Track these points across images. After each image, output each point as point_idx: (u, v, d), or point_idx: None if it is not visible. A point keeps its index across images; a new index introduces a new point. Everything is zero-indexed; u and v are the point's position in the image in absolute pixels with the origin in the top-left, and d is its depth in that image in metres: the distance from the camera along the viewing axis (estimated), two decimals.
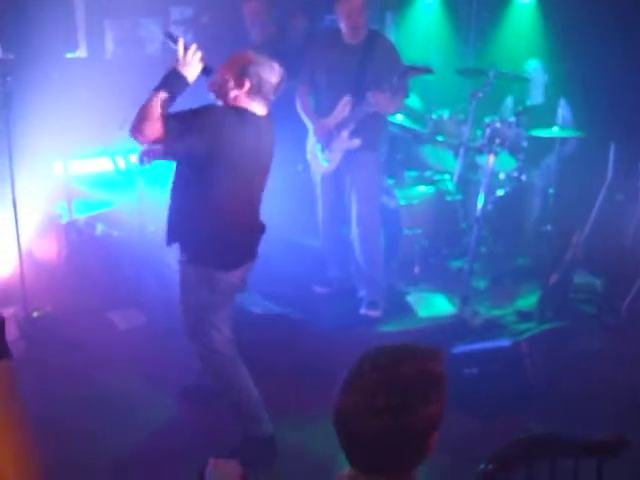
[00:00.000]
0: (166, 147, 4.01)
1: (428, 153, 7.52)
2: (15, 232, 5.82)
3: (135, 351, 5.64)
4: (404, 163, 7.55)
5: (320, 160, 6.24)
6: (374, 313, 6.30)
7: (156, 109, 3.84)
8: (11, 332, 5.94)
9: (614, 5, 6.81)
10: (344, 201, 6.32)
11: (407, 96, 6.16)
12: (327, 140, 6.14)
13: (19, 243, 5.84)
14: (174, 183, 4.21)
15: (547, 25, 7.84)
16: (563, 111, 7.29)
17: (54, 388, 5.21)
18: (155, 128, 3.83)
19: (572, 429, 4.38)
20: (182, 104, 3.98)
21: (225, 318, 4.48)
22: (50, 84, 6.07)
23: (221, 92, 4.12)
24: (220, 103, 4.12)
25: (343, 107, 6.00)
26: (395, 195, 6.94)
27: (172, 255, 6.23)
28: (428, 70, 5.80)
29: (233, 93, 4.08)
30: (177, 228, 4.26)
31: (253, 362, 5.35)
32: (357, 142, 6.02)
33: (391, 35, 8.72)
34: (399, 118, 7.41)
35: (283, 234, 6.90)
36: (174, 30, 4.57)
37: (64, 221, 6.79)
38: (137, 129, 3.86)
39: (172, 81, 3.98)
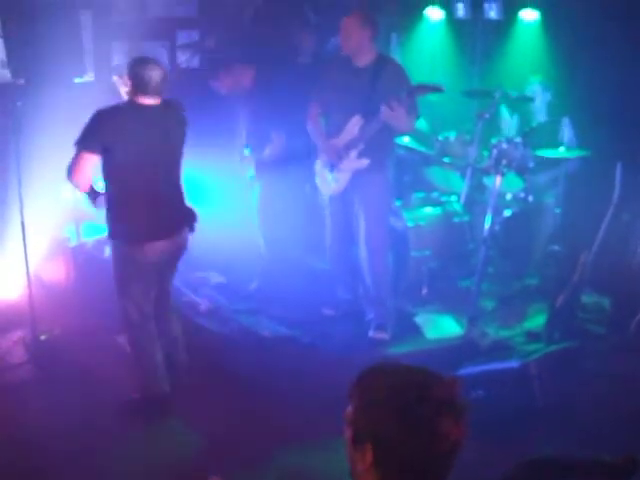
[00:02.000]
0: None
1: (435, 174, 7.53)
2: (24, 255, 5.84)
3: None
4: (411, 185, 7.56)
5: (328, 181, 6.25)
6: (382, 336, 6.29)
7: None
8: (19, 355, 5.96)
9: (619, 23, 6.82)
10: (352, 222, 6.31)
11: (418, 117, 6.18)
12: (335, 160, 6.15)
13: (27, 266, 5.87)
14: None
15: (551, 44, 7.85)
16: (568, 130, 7.30)
17: (63, 411, 5.22)
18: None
19: (582, 451, 4.37)
20: None
21: (143, 293, 5.06)
22: (59, 108, 6.10)
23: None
24: None
25: (352, 127, 6.02)
26: (402, 217, 6.94)
27: (180, 277, 6.29)
28: (437, 89, 5.85)
29: (124, 90, 4.99)
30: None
31: (262, 384, 5.38)
32: (365, 162, 6.03)
33: (396, 55, 8.76)
34: (406, 140, 7.44)
35: (290, 255, 6.93)
36: None
37: (72, 244, 6.81)
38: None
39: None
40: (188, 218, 5.19)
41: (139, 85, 4.83)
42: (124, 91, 5.01)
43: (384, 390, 2.02)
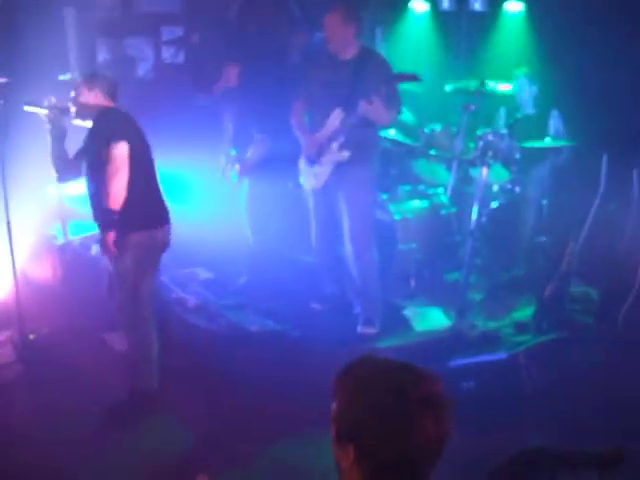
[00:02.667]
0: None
1: (421, 167, 7.53)
2: (10, 254, 5.82)
3: None
4: (398, 178, 7.57)
5: (310, 175, 6.25)
6: (370, 330, 6.29)
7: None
8: (7, 355, 5.94)
9: (604, 13, 6.84)
10: (336, 217, 6.32)
11: (400, 109, 6.18)
12: (316, 154, 6.16)
13: (14, 265, 5.84)
14: (92, 177, 5.02)
15: (537, 35, 7.86)
16: (555, 121, 7.32)
17: (51, 410, 5.21)
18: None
19: (571, 441, 4.41)
20: None
21: (152, 287, 5.18)
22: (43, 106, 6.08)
23: None
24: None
25: (333, 120, 6.03)
26: (389, 210, 6.95)
27: (168, 274, 6.28)
28: (414, 77, 5.86)
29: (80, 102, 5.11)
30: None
31: (250, 379, 5.38)
32: (346, 154, 6.03)
33: (382, 50, 8.75)
34: (392, 133, 7.43)
35: (278, 251, 6.92)
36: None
37: (59, 242, 6.78)
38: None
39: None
40: None
41: (111, 92, 5.09)
42: (80, 103, 5.07)
43: (364, 387, 2.02)
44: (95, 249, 6.40)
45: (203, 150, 7.03)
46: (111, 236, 4.87)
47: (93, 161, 4.97)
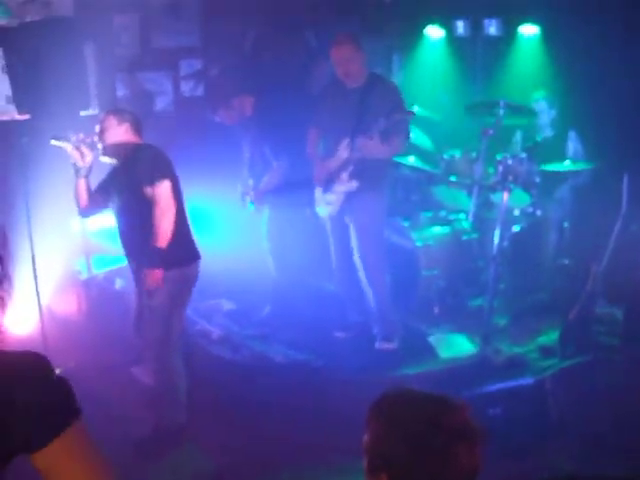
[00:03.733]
0: None
1: (442, 193, 7.53)
2: (35, 289, 5.86)
3: None
4: (419, 204, 7.58)
5: (324, 203, 6.29)
6: (389, 346, 6.33)
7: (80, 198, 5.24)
8: None
9: (619, 34, 6.84)
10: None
11: (405, 140, 6.21)
12: (327, 182, 6.22)
13: (39, 300, 5.89)
14: (127, 214, 5.06)
15: (553, 57, 7.86)
16: (574, 143, 7.31)
17: None
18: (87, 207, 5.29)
19: (601, 466, 4.37)
20: None
21: (183, 320, 5.27)
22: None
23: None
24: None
25: (342, 150, 6.09)
26: (411, 237, 6.95)
27: (191, 306, 6.30)
28: (409, 113, 5.96)
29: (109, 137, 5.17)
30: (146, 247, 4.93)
31: (275, 410, 5.37)
32: (354, 185, 6.11)
33: (398, 76, 8.80)
34: (411, 160, 7.45)
35: (300, 279, 6.93)
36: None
37: (83, 277, 6.83)
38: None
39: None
40: None
41: (138, 127, 5.18)
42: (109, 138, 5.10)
43: (397, 419, 2.02)
44: (120, 283, 6.45)
45: (224, 181, 7.07)
46: (159, 273, 4.90)
47: (130, 199, 4.98)
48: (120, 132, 5.04)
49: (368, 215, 6.22)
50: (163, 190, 4.84)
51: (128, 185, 4.98)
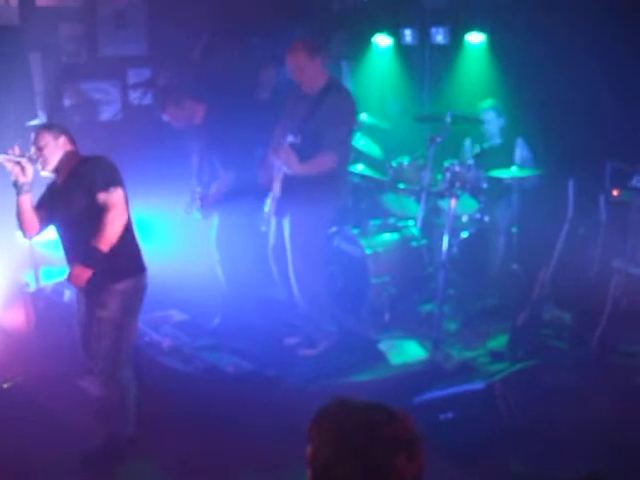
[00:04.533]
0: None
1: (391, 200, 7.56)
2: None
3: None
4: (368, 212, 7.62)
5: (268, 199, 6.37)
6: (310, 352, 6.42)
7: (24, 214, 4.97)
8: None
9: (566, 41, 6.94)
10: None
11: (335, 160, 6.14)
12: (268, 182, 6.33)
13: None
14: (73, 226, 4.90)
15: (499, 65, 7.95)
16: (521, 150, 7.40)
17: (27, 458, 5.15)
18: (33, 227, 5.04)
19: (551, 467, 4.43)
20: None
21: (135, 331, 5.19)
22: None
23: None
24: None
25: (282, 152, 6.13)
26: (361, 244, 6.98)
27: (141, 317, 6.24)
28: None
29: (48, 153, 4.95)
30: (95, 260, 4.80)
31: (226, 421, 5.34)
32: (277, 191, 6.19)
33: (346, 84, 8.84)
34: (360, 168, 7.48)
35: (250, 289, 6.91)
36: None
37: (31, 289, 6.75)
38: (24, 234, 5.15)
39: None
40: None
41: (72, 137, 5.02)
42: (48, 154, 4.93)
43: (338, 431, 2.03)
44: (68, 295, 6.37)
45: (172, 191, 7.03)
46: (88, 274, 4.78)
47: (79, 210, 4.84)
48: (59, 145, 4.94)
49: (300, 231, 6.24)
50: (117, 197, 4.76)
51: (77, 197, 4.88)
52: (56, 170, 4.93)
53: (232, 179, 6.55)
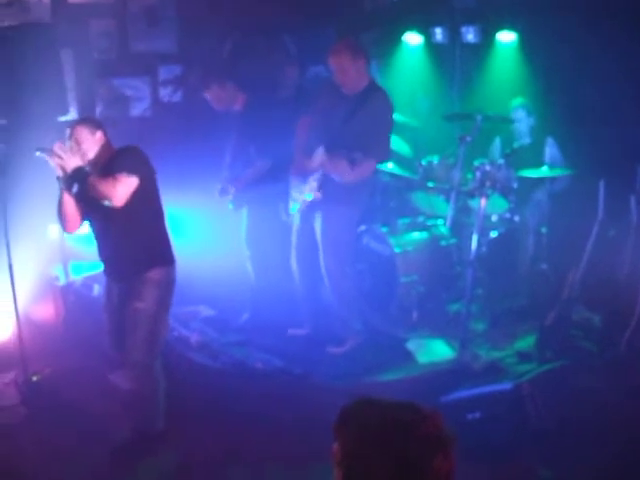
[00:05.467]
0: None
1: (420, 199, 7.55)
2: (12, 296, 5.82)
3: None
4: (397, 210, 7.60)
5: (292, 200, 6.35)
6: (336, 349, 6.41)
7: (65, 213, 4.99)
8: (11, 397, 5.93)
9: (597, 41, 6.88)
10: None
11: (380, 161, 6.26)
12: (299, 181, 6.26)
13: (16, 307, 5.84)
14: (108, 227, 4.98)
15: (530, 64, 7.91)
16: (551, 149, 7.35)
17: (55, 451, 5.19)
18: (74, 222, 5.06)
19: (580, 469, 4.40)
20: None
21: (167, 324, 5.25)
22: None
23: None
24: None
25: (316, 157, 6.09)
26: (389, 243, 6.97)
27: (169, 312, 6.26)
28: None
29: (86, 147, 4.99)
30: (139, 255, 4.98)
31: (254, 417, 5.35)
32: (319, 195, 6.12)
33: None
34: (389, 166, 7.47)
35: (282, 285, 6.92)
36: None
37: (61, 283, 6.80)
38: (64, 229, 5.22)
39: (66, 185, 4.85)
40: None
41: (106, 131, 5.07)
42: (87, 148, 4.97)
43: (370, 431, 2.01)
44: (97, 289, 6.42)
45: (203, 186, 7.06)
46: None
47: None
48: (96, 140, 4.99)
49: (333, 229, 6.24)
50: (127, 183, 4.78)
51: None
52: (92, 164, 4.96)
53: (267, 167, 6.56)
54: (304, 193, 6.21)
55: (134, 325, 5.01)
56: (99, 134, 4.99)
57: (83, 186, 4.78)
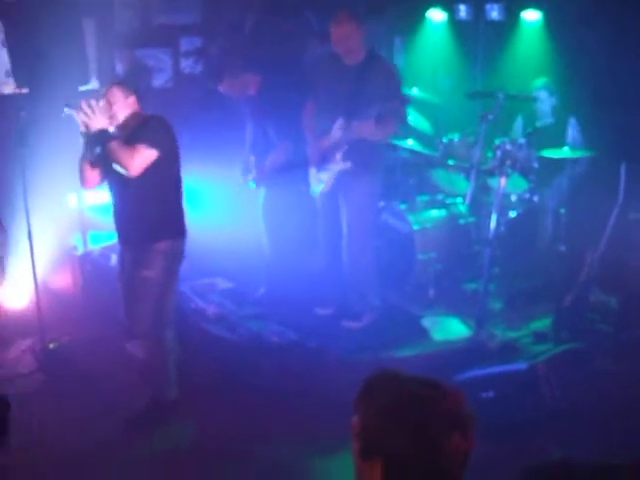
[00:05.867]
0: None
1: (440, 177, 7.52)
2: (31, 264, 5.86)
3: None
4: (416, 188, 7.57)
5: (317, 180, 6.31)
6: (354, 324, 6.39)
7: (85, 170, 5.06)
8: (28, 364, 5.99)
9: (622, 22, 6.82)
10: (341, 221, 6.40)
11: (402, 121, 6.23)
12: (321, 160, 6.23)
13: (35, 275, 5.89)
14: (127, 191, 5.02)
15: (554, 44, 7.84)
16: (573, 130, 7.30)
17: (72, 419, 5.24)
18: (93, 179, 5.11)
19: (591, 451, 4.40)
20: None
21: (175, 294, 5.28)
22: (64, 117, 6.14)
23: None
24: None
25: (336, 130, 6.07)
26: (408, 220, 6.96)
27: (187, 284, 6.30)
28: (405, 98, 6.06)
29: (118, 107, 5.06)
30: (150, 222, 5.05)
31: (269, 390, 5.38)
32: (348, 164, 6.11)
33: (399, 59, 8.77)
34: (410, 143, 7.44)
35: (295, 260, 6.92)
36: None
37: (79, 252, 6.84)
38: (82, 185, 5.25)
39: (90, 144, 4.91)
40: None
41: (140, 99, 5.15)
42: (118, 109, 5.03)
43: (392, 404, 2.01)
44: (115, 259, 6.44)
45: (222, 159, 7.06)
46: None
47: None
48: (128, 104, 5.03)
49: (360, 196, 6.23)
50: (147, 154, 4.85)
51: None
52: (121, 127, 4.99)
53: (290, 149, 6.55)
54: (330, 169, 6.19)
55: (143, 293, 5.08)
56: (132, 99, 5.05)
57: (103, 149, 4.83)
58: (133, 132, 4.96)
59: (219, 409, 5.36)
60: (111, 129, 4.98)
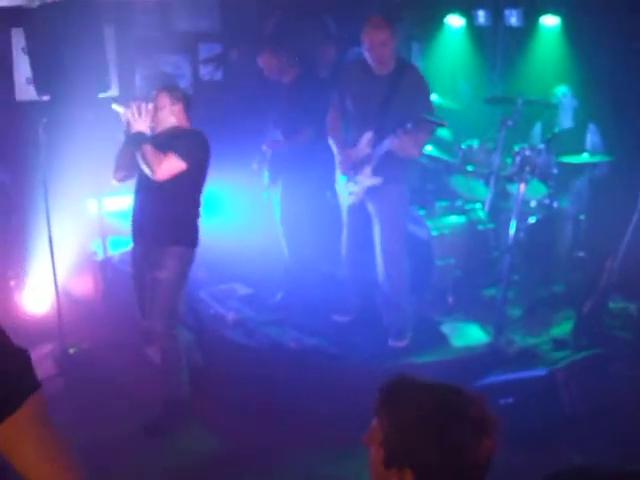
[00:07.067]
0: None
1: (459, 183, 7.51)
2: (51, 270, 5.90)
3: None
4: (435, 193, 7.57)
5: (345, 191, 6.25)
6: (401, 344, 6.26)
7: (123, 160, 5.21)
8: (48, 369, 6.01)
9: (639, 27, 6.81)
10: (370, 230, 6.27)
11: (429, 137, 6.16)
12: (351, 171, 6.14)
13: (55, 280, 5.93)
14: (152, 193, 5.13)
15: (573, 49, 7.83)
16: (592, 136, 7.29)
17: (91, 424, 5.25)
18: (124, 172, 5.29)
19: (612, 457, 4.37)
20: None
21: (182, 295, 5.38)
22: (84, 124, 6.18)
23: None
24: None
25: (365, 143, 5.97)
26: (427, 226, 6.94)
27: (206, 290, 6.32)
28: (441, 124, 5.88)
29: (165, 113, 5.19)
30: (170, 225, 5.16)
31: (288, 397, 5.38)
32: (378, 180, 6.00)
33: (418, 65, 8.76)
34: (429, 149, 7.44)
35: (314, 265, 6.93)
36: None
37: (99, 258, 6.86)
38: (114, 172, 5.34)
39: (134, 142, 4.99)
40: None
41: (189, 108, 5.28)
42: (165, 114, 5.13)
43: (417, 411, 2.00)
44: None
45: (241, 165, 7.08)
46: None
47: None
48: (173, 112, 5.10)
49: (391, 206, 6.11)
50: (175, 165, 4.95)
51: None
52: (162, 132, 5.08)
53: (312, 136, 6.55)
54: (359, 182, 6.11)
55: (157, 294, 5.18)
56: (178, 107, 5.15)
57: (137, 150, 4.92)
58: (170, 139, 5.02)
59: (235, 413, 5.36)
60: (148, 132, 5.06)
